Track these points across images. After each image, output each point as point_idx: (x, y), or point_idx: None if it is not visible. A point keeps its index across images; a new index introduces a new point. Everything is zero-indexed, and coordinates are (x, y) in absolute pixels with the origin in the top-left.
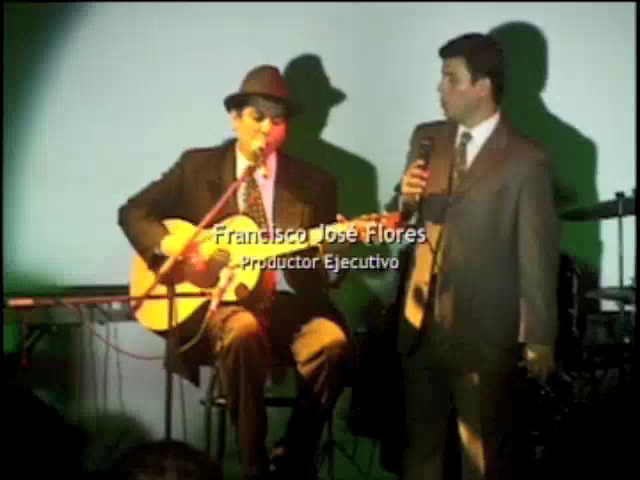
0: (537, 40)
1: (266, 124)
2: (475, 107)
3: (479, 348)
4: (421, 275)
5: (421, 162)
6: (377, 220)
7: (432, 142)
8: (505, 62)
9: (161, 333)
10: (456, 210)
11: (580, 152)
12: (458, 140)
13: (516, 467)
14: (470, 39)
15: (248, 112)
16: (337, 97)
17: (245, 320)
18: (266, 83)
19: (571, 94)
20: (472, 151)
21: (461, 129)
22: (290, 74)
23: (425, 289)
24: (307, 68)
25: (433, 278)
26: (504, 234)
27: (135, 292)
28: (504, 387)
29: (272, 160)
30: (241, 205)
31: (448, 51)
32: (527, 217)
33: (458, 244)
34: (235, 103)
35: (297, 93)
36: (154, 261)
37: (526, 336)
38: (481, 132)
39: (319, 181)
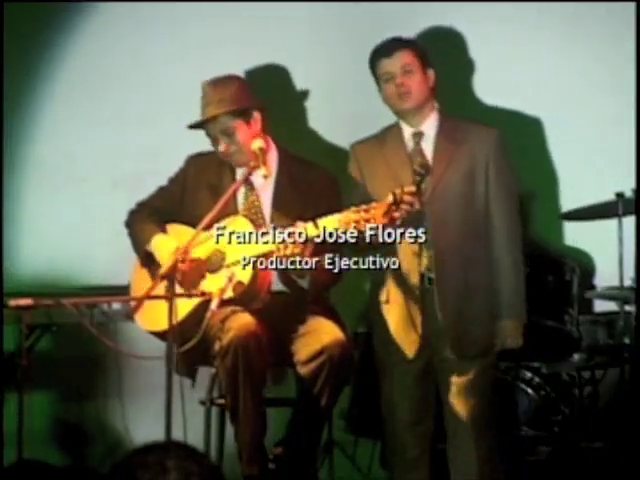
0: (537, 39)
1: (220, 144)
2: (427, 99)
3: (482, 330)
4: (410, 279)
5: (412, 189)
6: (366, 211)
7: (427, 170)
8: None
9: (160, 335)
10: (432, 204)
11: (580, 152)
12: (410, 142)
13: (510, 467)
14: (404, 38)
15: (210, 139)
16: (337, 97)
17: (244, 320)
18: (202, 107)
19: (571, 94)
20: (428, 147)
21: (407, 131)
22: (290, 74)
23: (417, 293)
24: (307, 68)
25: (422, 278)
26: (481, 213)
27: (135, 294)
28: (490, 385)
29: (273, 158)
30: (240, 206)
31: (394, 47)
32: (497, 193)
33: (440, 238)
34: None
35: (296, 93)
36: (146, 258)
37: (505, 312)
38: (429, 127)
39: (321, 180)
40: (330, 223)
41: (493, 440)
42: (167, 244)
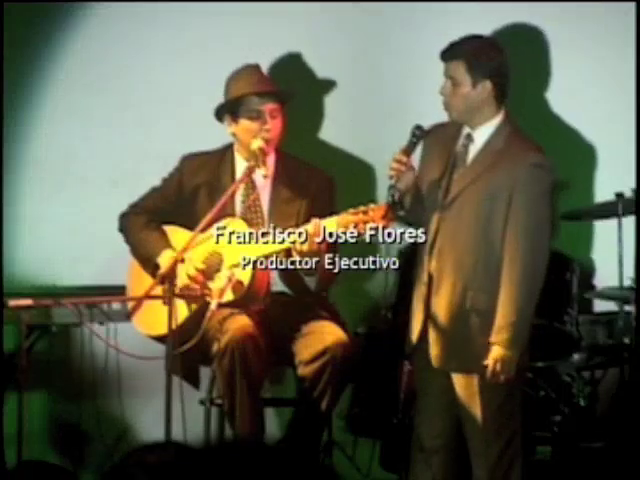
0: (537, 39)
1: (267, 121)
2: (477, 109)
3: (470, 349)
4: (421, 275)
5: (405, 148)
6: (365, 213)
7: (423, 132)
8: (507, 62)
9: (159, 338)
10: (449, 211)
11: (580, 152)
12: (461, 141)
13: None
14: (470, 42)
15: (244, 114)
16: (336, 97)
17: (241, 322)
18: (254, 81)
19: (571, 94)
20: (473, 153)
21: (465, 130)
22: (290, 74)
23: (424, 289)
24: (307, 68)
25: (430, 278)
26: (496, 236)
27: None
28: (500, 389)
29: (270, 158)
30: (238, 207)
31: (448, 54)
32: (516, 220)
33: (450, 245)
34: (228, 109)
35: (296, 93)
36: (156, 270)
37: (494, 335)
38: (482, 134)
39: (317, 181)
40: (327, 225)
41: (508, 444)
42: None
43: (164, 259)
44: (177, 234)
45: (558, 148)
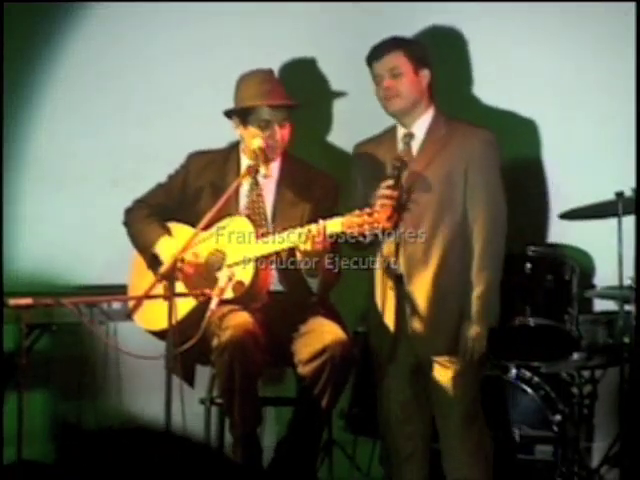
0: (537, 39)
1: (276, 131)
2: (418, 100)
3: (451, 332)
4: (387, 276)
5: (390, 182)
6: (370, 215)
7: (403, 163)
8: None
9: (159, 334)
10: (407, 204)
11: (580, 151)
12: (401, 143)
13: (508, 467)
14: (399, 38)
15: (254, 122)
16: (337, 97)
17: (240, 319)
18: (266, 91)
19: (571, 94)
20: (415, 147)
21: (401, 132)
22: (290, 74)
23: (392, 289)
24: (307, 68)
25: (397, 277)
26: (458, 216)
27: (133, 294)
28: (477, 375)
29: (276, 160)
30: (242, 206)
31: (384, 49)
32: (476, 194)
33: (414, 239)
34: (237, 113)
35: (297, 93)
36: (153, 260)
37: (468, 311)
38: (420, 127)
39: (322, 184)
40: (332, 226)
41: (481, 434)
42: (173, 247)
43: (162, 248)
44: (181, 230)
45: (558, 148)
